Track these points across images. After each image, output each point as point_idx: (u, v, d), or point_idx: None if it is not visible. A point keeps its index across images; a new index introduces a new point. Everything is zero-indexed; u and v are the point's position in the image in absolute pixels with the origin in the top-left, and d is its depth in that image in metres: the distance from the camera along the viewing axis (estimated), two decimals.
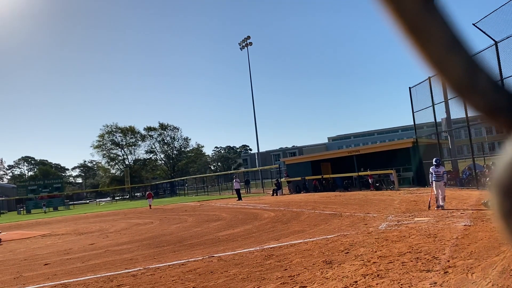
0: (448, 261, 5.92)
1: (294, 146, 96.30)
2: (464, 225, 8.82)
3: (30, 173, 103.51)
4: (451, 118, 21.71)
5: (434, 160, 12.54)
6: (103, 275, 7.36)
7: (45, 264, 9.17)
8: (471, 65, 0.41)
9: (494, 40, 15.87)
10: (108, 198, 76.29)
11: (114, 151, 78.30)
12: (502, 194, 0.39)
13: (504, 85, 0.42)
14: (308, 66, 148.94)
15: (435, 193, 11.99)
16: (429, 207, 12.03)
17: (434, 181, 12.08)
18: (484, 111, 0.41)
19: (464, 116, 18.56)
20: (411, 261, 6.14)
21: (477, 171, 19.05)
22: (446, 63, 0.41)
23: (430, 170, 12.45)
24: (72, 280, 7.20)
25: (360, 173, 26.80)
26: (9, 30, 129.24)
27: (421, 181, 23.15)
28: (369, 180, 25.82)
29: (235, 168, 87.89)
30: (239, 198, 28.32)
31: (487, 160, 21.33)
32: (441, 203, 11.75)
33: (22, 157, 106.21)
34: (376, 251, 7.06)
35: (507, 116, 0.41)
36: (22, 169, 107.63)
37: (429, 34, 0.40)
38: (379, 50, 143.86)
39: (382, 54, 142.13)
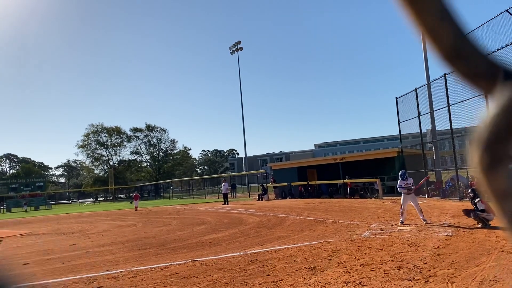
0: (429, 270, 5.99)
1: (281, 151, 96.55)
2: (446, 235, 8.93)
3: (12, 171, 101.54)
4: (436, 129, 22.02)
5: (400, 173, 11.73)
6: (84, 276, 7.25)
7: (24, 264, 8.99)
8: (459, 33, 0.45)
9: None
10: (91, 199, 75.24)
11: (99, 151, 77.41)
12: (482, 149, 0.42)
13: (484, 53, 0.46)
14: (297, 73, 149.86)
15: (403, 207, 11.37)
16: (402, 222, 11.32)
17: (404, 194, 11.44)
18: (468, 75, 0.46)
19: (449, 128, 18.84)
20: (393, 269, 6.20)
21: (460, 182, 19.33)
22: (438, 30, 0.44)
23: (399, 183, 11.63)
24: (51, 280, 7.08)
25: (345, 181, 26.98)
26: None
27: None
28: (347, 188, 26.03)
29: (222, 172, 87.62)
30: (225, 202, 28.23)
31: (469, 172, 21.65)
32: (421, 217, 11.16)
33: (4, 154, 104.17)
34: (359, 259, 7.10)
35: (487, 79, 0.45)
36: (4, 167, 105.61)
37: (424, 3, 0.44)
38: (368, 59, 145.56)
39: (370, 63, 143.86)
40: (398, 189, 11.80)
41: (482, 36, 15.08)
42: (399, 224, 11.22)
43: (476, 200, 10.03)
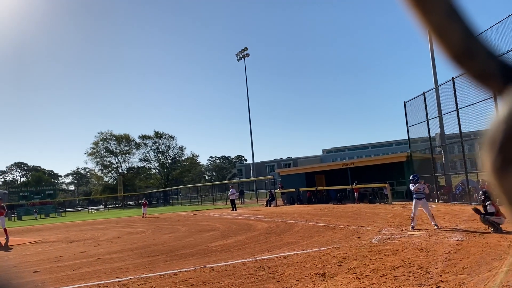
0: (441, 275, 5.93)
1: (289, 157, 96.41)
2: (457, 240, 8.83)
3: (23, 179, 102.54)
4: (445, 133, 21.85)
5: (412, 177, 11.64)
6: (94, 283, 7.28)
7: (35, 272, 9.05)
8: (468, 33, 0.44)
9: None
10: (101, 206, 75.68)
11: (108, 159, 77.92)
12: (494, 150, 0.42)
13: (494, 53, 0.45)
14: (304, 78, 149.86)
15: (413, 212, 11.26)
16: (413, 227, 11.20)
17: (416, 199, 11.28)
18: (477, 76, 0.45)
19: (458, 131, 18.68)
20: (404, 275, 6.14)
21: (470, 186, 19.13)
22: (446, 29, 0.44)
23: (412, 189, 11.40)
24: None
25: (353, 186, 26.85)
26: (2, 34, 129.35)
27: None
28: (355, 194, 25.88)
29: (230, 178, 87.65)
30: (234, 208, 28.20)
31: (480, 176, 21.41)
32: (433, 223, 11.08)
33: (15, 162, 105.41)
34: (369, 265, 7.05)
35: (498, 80, 0.45)
36: (15, 175, 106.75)
37: (431, 2, 0.44)
38: (375, 64, 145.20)
39: (378, 68, 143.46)
40: (413, 194, 11.46)
41: (493, 37, 14.94)
42: (410, 229, 11.14)
43: (487, 203, 9.92)
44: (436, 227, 10.94)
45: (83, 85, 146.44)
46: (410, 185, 11.61)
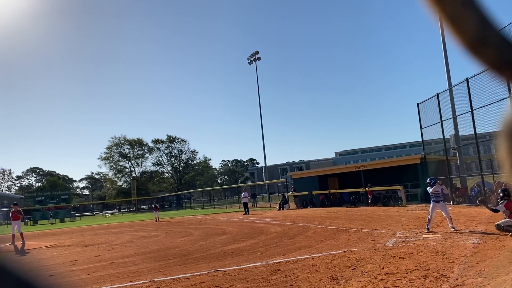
0: (457, 279, 5.83)
1: (301, 160, 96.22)
2: (473, 243, 8.69)
3: (38, 184, 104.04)
4: (460, 134, 21.57)
5: (429, 180, 11.72)
6: (108, 287, 7.34)
7: (50, 275, 9.16)
8: (484, 21, 0.43)
9: None
10: (114, 210, 76.32)
11: (122, 163, 78.59)
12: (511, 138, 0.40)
13: (511, 41, 0.44)
14: (316, 81, 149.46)
15: (430, 215, 11.26)
16: (428, 229, 11.13)
17: (434, 202, 11.29)
18: (494, 65, 0.44)
19: (473, 132, 18.42)
20: (419, 278, 6.06)
21: (486, 188, 18.82)
22: (460, 17, 0.43)
23: (430, 191, 11.46)
24: None
25: (367, 189, 26.66)
26: (17, 39, 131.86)
27: (429, 198, 22.87)
28: (368, 197, 25.67)
29: (242, 181, 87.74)
30: (246, 212, 28.20)
31: (496, 177, 21.05)
32: (450, 225, 10.98)
33: (31, 168, 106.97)
34: (383, 268, 6.97)
35: None
36: (30, 180, 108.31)
37: None
38: (388, 65, 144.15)
39: (391, 69, 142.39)
40: (431, 197, 11.50)
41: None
42: (425, 231, 11.01)
43: (501, 201, 9.76)
44: (453, 229, 10.82)
45: (97, 90, 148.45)
46: (428, 188, 11.60)
